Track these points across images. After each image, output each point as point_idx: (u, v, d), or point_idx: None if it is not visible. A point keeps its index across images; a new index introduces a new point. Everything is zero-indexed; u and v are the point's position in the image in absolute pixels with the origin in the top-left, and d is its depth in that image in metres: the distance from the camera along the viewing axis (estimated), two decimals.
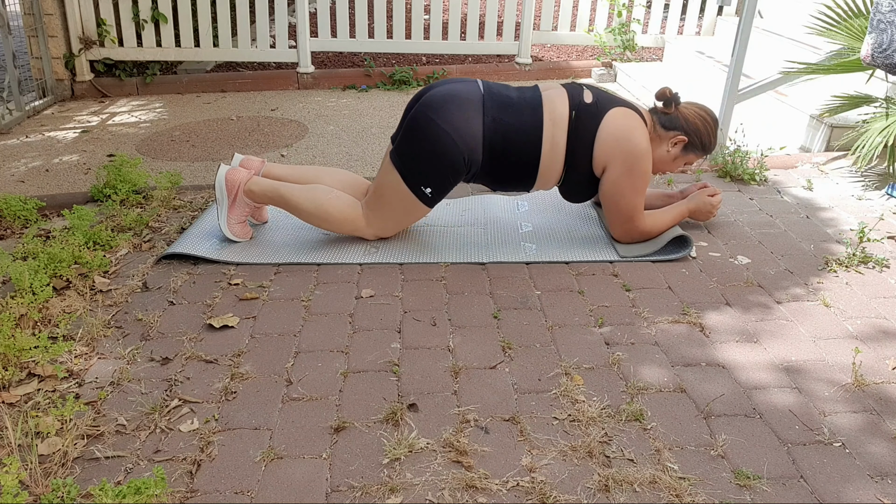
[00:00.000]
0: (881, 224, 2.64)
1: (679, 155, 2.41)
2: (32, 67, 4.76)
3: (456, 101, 2.23)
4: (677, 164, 2.43)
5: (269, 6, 5.36)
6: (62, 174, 3.48)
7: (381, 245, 2.46)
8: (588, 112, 2.26)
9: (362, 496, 1.43)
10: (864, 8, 3.13)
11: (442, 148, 2.22)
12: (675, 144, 2.38)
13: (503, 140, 2.24)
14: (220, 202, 2.42)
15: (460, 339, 1.95)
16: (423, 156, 2.25)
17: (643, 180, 2.30)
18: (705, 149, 2.42)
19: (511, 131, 2.24)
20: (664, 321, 2.03)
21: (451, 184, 2.31)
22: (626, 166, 2.26)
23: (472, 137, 2.23)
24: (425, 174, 2.27)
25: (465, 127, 2.22)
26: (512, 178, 2.32)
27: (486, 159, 2.27)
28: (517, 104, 2.27)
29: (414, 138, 2.25)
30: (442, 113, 2.22)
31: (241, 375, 1.80)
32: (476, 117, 2.22)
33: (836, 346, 1.92)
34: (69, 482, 1.38)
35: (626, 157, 2.25)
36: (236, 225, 2.45)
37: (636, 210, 2.34)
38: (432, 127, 2.22)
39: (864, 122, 3.13)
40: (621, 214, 2.34)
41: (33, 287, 2.05)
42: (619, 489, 1.44)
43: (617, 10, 5.45)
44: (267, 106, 4.71)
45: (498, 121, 2.24)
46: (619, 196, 2.30)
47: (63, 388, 1.75)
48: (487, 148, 2.25)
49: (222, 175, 2.40)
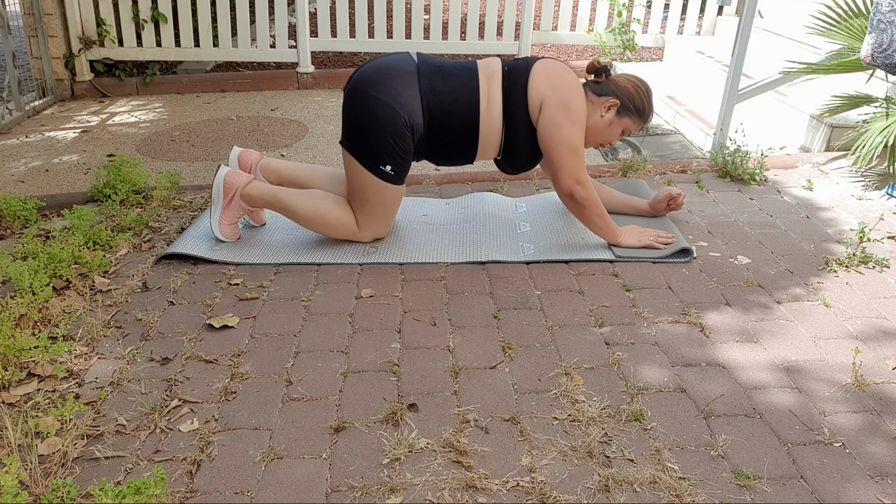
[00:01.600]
0: (881, 224, 2.64)
1: (614, 119, 2.36)
2: (32, 67, 4.75)
3: (389, 71, 2.26)
4: (614, 130, 2.38)
5: (269, 6, 5.36)
6: (62, 174, 3.48)
7: (381, 245, 2.46)
8: (519, 66, 2.31)
9: (362, 496, 1.43)
10: (864, 8, 3.13)
11: (381, 117, 2.23)
12: (608, 109, 2.35)
13: (441, 103, 2.26)
14: (216, 201, 2.42)
15: (460, 339, 1.94)
16: (366, 131, 2.25)
17: (580, 118, 2.27)
18: (640, 113, 2.38)
19: (448, 93, 2.27)
20: (664, 321, 2.03)
21: (403, 152, 2.29)
22: (560, 101, 2.24)
23: (410, 100, 2.24)
24: (376, 150, 2.27)
25: (401, 92, 2.23)
26: (455, 142, 2.32)
27: (427, 123, 2.28)
28: (452, 68, 2.33)
29: (354, 118, 2.27)
30: (375, 85, 2.24)
31: (241, 375, 1.80)
32: (412, 82, 2.25)
33: (836, 346, 1.92)
34: (69, 482, 1.38)
35: (558, 91, 2.24)
36: (227, 226, 2.45)
37: (576, 148, 2.27)
38: (367, 100, 2.24)
39: (864, 122, 3.13)
40: (560, 153, 2.26)
41: (33, 287, 2.05)
42: (619, 489, 1.44)
43: (617, 9, 5.45)
44: (267, 106, 4.70)
45: (434, 83, 2.27)
46: (558, 130, 2.25)
47: (63, 388, 1.75)
48: (427, 110, 2.26)
49: (221, 176, 2.40)
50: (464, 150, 2.36)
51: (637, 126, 2.41)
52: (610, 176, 3.12)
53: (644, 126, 2.45)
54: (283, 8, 5.01)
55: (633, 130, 2.40)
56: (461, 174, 3.16)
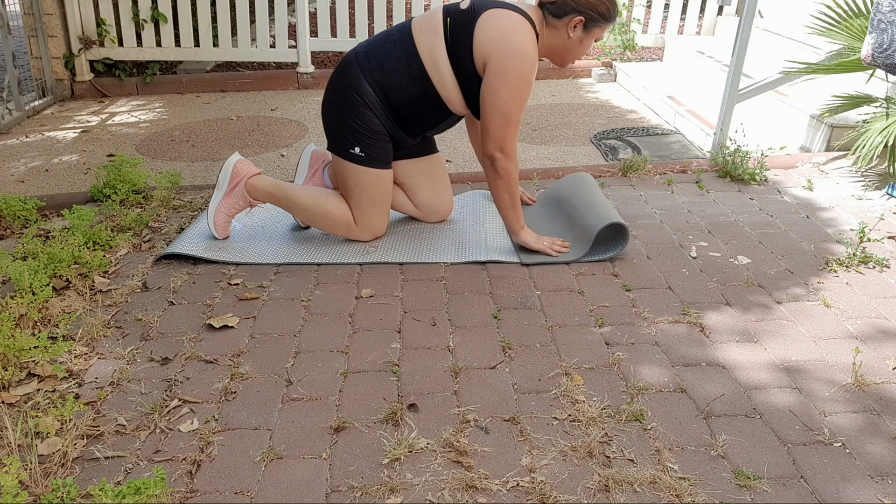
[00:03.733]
0: (881, 224, 2.64)
1: (583, 35, 2.28)
2: (32, 67, 4.75)
3: (336, 70, 2.38)
4: (585, 45, 2.31)
5: (269, 6, 5.36)
6: (62, 174, 3.48)
7: (381, 245, 2.46)
8: (463, 16, 2.24)
9: (362, 496, 1.43)
10: (865, 8, 3.12)
11: (336, 103, 2.34)
12: (574, 28, 2.27)
13: (379, 65, 2.29)
14: (220, 186, 2.44)
15: (460, 339, 1.94)
16: (330, 122, 2.37)
17: (521, 84, 2.21)
18: (606, 18, 2.28)
19: (384, 56, 2.29)
20: (664, 321, 2.03)
21: (368, 131, 2.31)
22: (500, 66, 2.19)
23: (353, 78, 2.31)
24: (342, 135, 2.33)
25: (344, 77, 2.33)
26: (420, 104, 2.31)
27: (379, 94, 2.29)
28: (385, 35, 2.36)
29: (324, 117, 2.41)
30: (329, 85, 2.39)
31: (240, 375, 1.80)
32: (351, 63, 2.33)
33: (836, 346, 1.92)
34: (69, 482, 1.37)
35: (501, 57, 2.18)
36: (223, 215, 2.45)
37: (509, 116, 2.22)
38: (327, 97, 2.39)
39: (864, 122, 3.13)
40: (490, 118, 2.23)
41: (33, 287, 2.05)
42: (619, 489, 1.44)
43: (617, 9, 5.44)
44: (267, 106, 4.70)
45: (370, 55, 2.31)
46: (493, 94, 2.20)
47: (63, 388, 1.74)
48: (370, 79, 2.28)
49: (231, 161, 2.44)
50: (435, 110, 2.34)
51: (606, 29, 2.33)
52: (610, 176, 3.12)
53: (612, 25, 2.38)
54: (283, 8, 5.01)
55: (605, 33, 2.34)
56: (461, 174, 3.16)
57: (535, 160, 3.59)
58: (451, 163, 3.55)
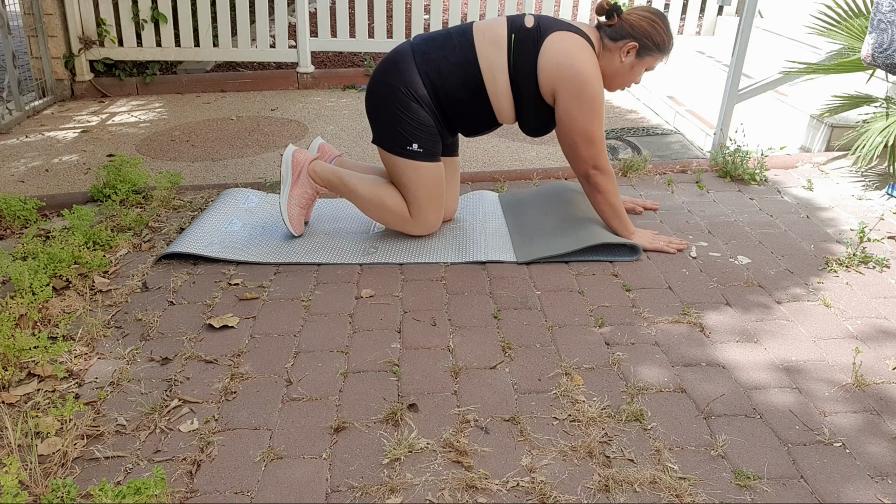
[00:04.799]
0: (881, 224, 2.64)
1: (635, 62, 2.31)
2: (32, 67, 4.75)
3: (388, 61, 2.36)
4: (636, 72, 2.34)
5: (269, 6, 5.36)
6: (62, 174, 3.48)
7: (381, 245, 2.46)
8: (528, 36, 2.25)
9: (362, 496, 1.43)
10: (865, 8, 3.13)
11: (384, 96, 2.32)
12: (627, 53, 2.30)
13: (438, 70, 2.28)
14: (284, 180, 2.45)
15: (460, 339, 1.94)
16: (384, 118, 2.33)
17: (594, 105, 2.25)
18: (660, 49, 2.32)
19: (442, 59, 2.28)
20: (664, 321, 2.03)
21: (419, 124, 2.31)
22: (571, 92, 2.23)
23: (409, 76, 2.29)
24: (399, 132, 2.31)
25: (400, 73, 2.30)
26: (469, 105, 2.32)
27: (431, 92, 2.30)
28: (445, 35, 2.34)
29: (371, 111, 2.37)
30: (378, 75, 2.36)
31: (240, 375, 1.80)
32: (407, 59, 2.31)
33: (836, 346, 1.92)
34: (69, 482, 1.37)
35: (571, 83, 2.22)
36: (296, 207, 2.47)
37: (592, 137, 2.28)
38: (375, 88, 2.35)
39: (864, 122, 3.13)
40: (575, 143, 2.28)
41: (33, 287, 2.05)
42: (619, 489, 1.44)
43: None
44: (267, 106, 4.70)
45: (427, 54, 2.30)
46: (571, 122, 2.26)
47: (63, 388, 1.74)
48: (427, 80, 2.28)
49: (289, 153, 2.45)
50: (481, 111, 2.35)
51: (659, 60, 2.36)
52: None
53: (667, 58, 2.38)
54: (283, 8, 5.00)
55: (657, 64, 2.36)
56: (461, 174, 3.16)
57: (535, 160, 3.59)
58: None
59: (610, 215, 2.40)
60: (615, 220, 2.40)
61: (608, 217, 2.40)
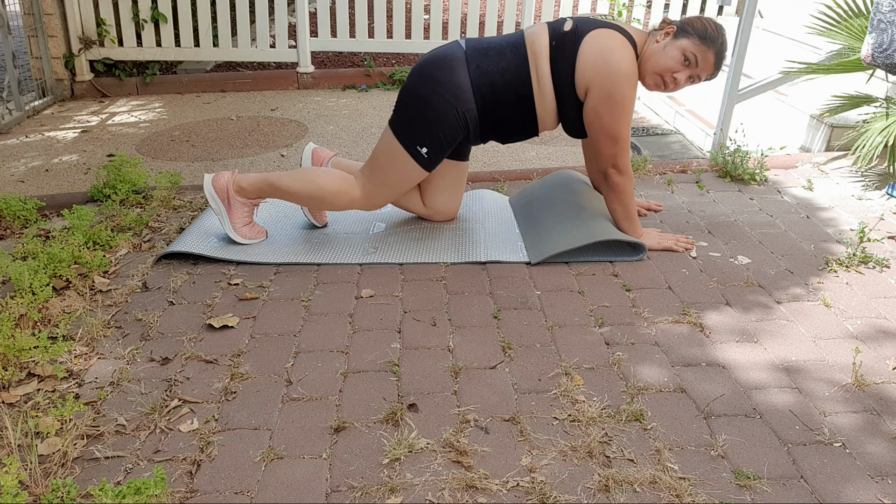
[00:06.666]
0: (881, 224, 2.64)
1: (669, 42, 2.22)
2: (32, 67, 4.75)
3: (439, 60, 2.29)
4: (668, 53, 2.21)
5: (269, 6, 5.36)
6: (62, 174, 3.48)
7: (381, 245, 2.46)
8: (567, 39, 2.24)
9: (362, 496, 1.43)
10: (865, 8, 3.12)
11: (432, 103, 2.26)
12: (665, 35, 2.25)
13: (491, 84, 2.25)
14: (218, 211, 2.42)
15: (460, 339, 1.94)
16: (416, 115, 2.29)
17: (623, 106, 2.21)
18: (702, 36, 2.19)
19: (497, 73, 2.25)
20: (664, 321, 2.03)
21: (445, 142, 2.30)
22: (602, 90, 2.20)
23: (460, 88, 2.25)
24: (420, 132, 2.29)
25: (451, 80, 2.25)
26: (513, 121, 2.31)
27: (480, 109, 2.28)
28: (498, 47, 2.29)
29: (406, 101, 2.31)
30: (428, 72, 2.28)
31: (241, 375, 1.80)
32: (461, 68, 2.26)
33: (836, 346, 1.92)
34: (69, 482, 1.37)
35: (603, 80, 2.19)
36: (243, 227, 2.44)
37: (617, 136, 2.25)
38: (421, 86, 2.28)
39: (864, 122, 3.13)
40: (599, 140, 2.27)
41: (33, 287, 2.05)
42: (619, 489, 1.44)
43: (617, 9, 5.45)
44: (267, 106, 4.70)
45: (482, 67, 2.26)
46: (598, 119, 2.23)
47: (63, 388, 1.74)
48: (478, 96, 2.26)
49: (208, 185, 2.41)
50: (524, 125, 2.35)
51: (701, 49, 2.19)
52: None
53: (714, 56, 2.22)
54: (283, 8, 5.00)
55: (697, 55, 2.20)
56: None
57: (535, 160, 3.59)
58: None
59: (621, 216, 2.40)
60: (625, 220, 2.40)
61: (619, 217, 2.40)
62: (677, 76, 2.24)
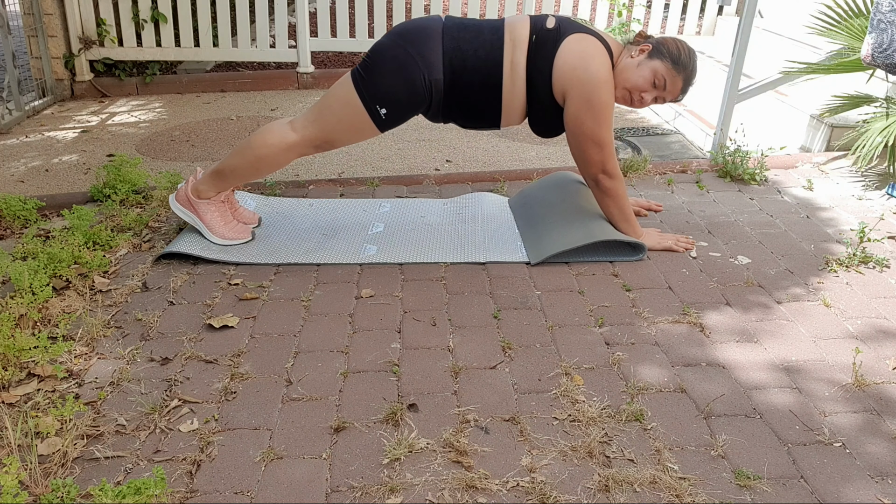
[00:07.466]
0: (881, 224, 2.64)
1: (643, 61, 2.24)
2: (32, 67, 4.75)
3: (417, 27, 2.27)
4: (641, 71, 2.23)
5: (269, 6, 5.36)
6: (62, 174, 3.48)
7: (381, 245, 2.46)
8: (548, 36, 2.22)
9: (362, 496, 1.43)
10: (865, 8, 3.13)
11: (402, 65, 2.23)
12: (640, 52, 2.26)
13: (462, 59, 2.23)
14: (192, 221, 2.44)
15: (460, 339, 1.94)
16: (383, 74, 2.25)
17: (603, 111, 2.22)
18: (674, 60, 2.23)
19: (470, 50, 2.23)
20: (664, 321, 2.03)
21: (408, 106, 2.27)
22: (581, 96, 2.20)
23: (432, 55, 2.22)
24: (383, 92, 2.25)
25: (424, 46, 2.22)
26: (477, 105, 2.28)
27: (448, 81, 2.24)
28: (477, 27, 2.27)
29: (376, 59, 2.28)
30: (404, 35, 2.26)
31: (240, 375, 1.80)
32: (436, 37, 2.24)
33: (836, 346, 1.92)
34: (69, 482, 1.37)
35: (584, 85, 2.19)
36: (222, 228, 2.44)
37: (601, 141, 2.25)
38: (394, 48, 2.25)
39: (864, 122, 3.13)
40: (584, 147, 2.27)
41: (33, 287, 2.05)
42: (619, 489, 1.44)
43: (617, 9, 5.45)
44: (267, 106, 4.70)
45: (457, 39, 2.24)
46: (580, 126, 2.23)
47: (63, 388, 1.74)
48: (448, 68, 2.23)
49: (172, 201, 2.45)
50: (487, 112, 2.31)
51: (672, 74, 2.24)
52: None
53: (683, 82, 2.27)
54: (283, 8, 5.00)
55: (667, 79, 2.24)
56: (461, 174, 3.16)
57: (535, 160, 3.59)
58: (450, 163, 3.55)
59: (619, 218, 2.40)
60: (623, 222, 2.40)
61: (616, 219, 2.40)
62: (644, 95, 2.28)
